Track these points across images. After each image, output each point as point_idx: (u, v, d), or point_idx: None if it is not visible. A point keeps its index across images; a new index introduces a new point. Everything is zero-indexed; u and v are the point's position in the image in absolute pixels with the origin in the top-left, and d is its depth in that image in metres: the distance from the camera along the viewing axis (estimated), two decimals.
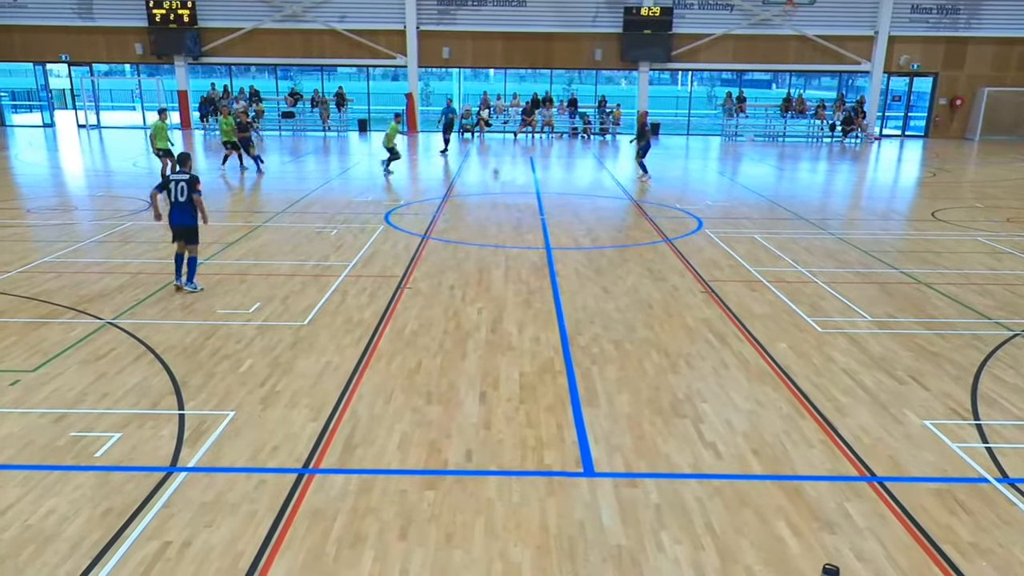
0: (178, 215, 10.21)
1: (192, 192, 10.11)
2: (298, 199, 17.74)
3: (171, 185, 10.17)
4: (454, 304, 10.11)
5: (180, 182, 10.15)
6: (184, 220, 10.20)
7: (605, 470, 6.08)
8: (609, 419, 6.94)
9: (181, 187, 10.13)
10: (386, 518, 5.40)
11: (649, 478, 5.98)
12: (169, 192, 10.17)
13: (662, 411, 7.12)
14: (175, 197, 10.15)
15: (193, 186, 10.13)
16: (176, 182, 10.16)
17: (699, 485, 5.89)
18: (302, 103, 35.11)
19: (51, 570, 4.78)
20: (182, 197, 10.14)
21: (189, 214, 10.20)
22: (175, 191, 10.14)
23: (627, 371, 8.04)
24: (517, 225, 15.20)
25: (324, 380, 7.67)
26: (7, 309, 9.57)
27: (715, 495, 5.75)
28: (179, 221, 10.22)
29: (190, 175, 10.23)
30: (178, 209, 10.19)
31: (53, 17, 33.12)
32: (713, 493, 5.77)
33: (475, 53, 34.12)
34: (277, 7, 32.98)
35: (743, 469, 6.13)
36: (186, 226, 10.22)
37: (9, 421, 6.67)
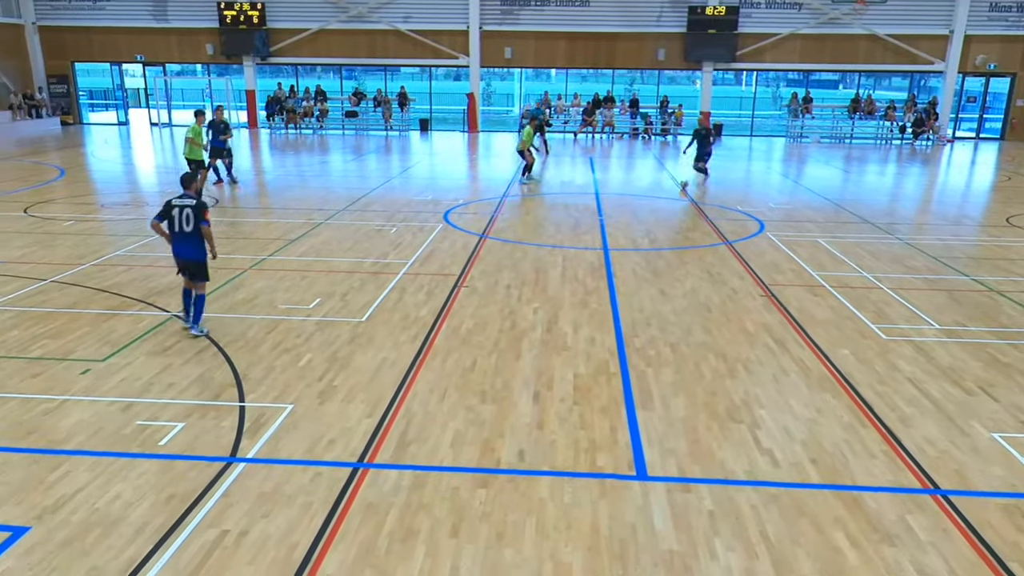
0: (184, 247, 8.52)
1: (199, 221, 8.44)
2: (359, 197, 18.00)
3: (174, 212, 8.45)
4: (510, 303, 10.14)
5: (185, 208, 8.43)
6: (191, 254, 8.54)
7: (658, 474, 6.02)
8: (664, 422, 6.88)
9: (186, 214, 8.41)
10: (438, 515, 5.44)
11: (703, 483, 5.90)
12: (172, 221, 8.46)
13: (718, 416, 7.02)
14: (179, 226, 8.44)
15: (200, 214, 8.44)
16: (180, 208, 8.44)
17: (754, 492, 5.79)
18: (365, 102, 35.61)
19: (116, 553, 4.94)
20: (188, 226, 8.42)
21: (197, 246, 8.54)
22: (179, 219, 8.43)
23: (683, 374, 7.95)
24: (575, 225, 15.17)
25: (380, 376, 7.77)
26: (80, 300, 9.93)
27: (771, 503, 5.64)
28: (186, 255, 8.56)
29: (197, 200, 8.54)
30: (184, 241, 8.49)
31: (130, 19, 34.26)
32: (769, 501, 5.67)
33: (537, 53, 34.14)
34: (343, 8, 33.51)
35: (800, 477, 6.01)
36: (193, 261, 8.58)
37: (80, 408, 6.92)
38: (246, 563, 4.88)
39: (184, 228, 8.45)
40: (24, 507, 5.40)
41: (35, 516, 5.30)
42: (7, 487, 5.64)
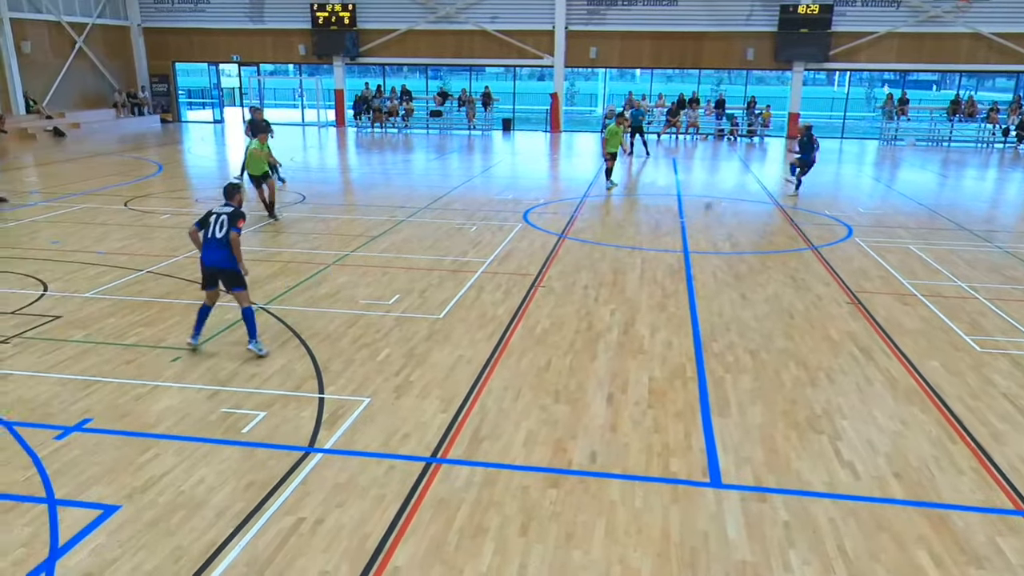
0: (213, 254, 8.07)
1: (231, 227, 8.03)
2: (441, 196, 18.22)
3: (211, 219, 8.13)
4: (587, 304, 10.10)
5: (222, 215, 8.10)
6: (223, 262, 8.06)
7: (733, 482, 5.91)
8: (740, 430, 6.74)
9: (222, 221, 8.08)
10: (508, 512, 5.46)
11: (779, 493, 5.76)
12: (208, 228, 8.11)
13: (797, 425, 6.84)
14: (212, 232, 8.07)
15: (235, 221, 8.08)
16: (218, 215, 8.12)
17: (833, 505, 5.62)
18: (450, 102, 36.01)
19: (198, 535, 5.14)
20: (220, 232, 8.05)
21: (228, 253, 8.06)
22: (214, 225, 8.08)
23: (762, 381, 7.77)
24: (655, 227, 15.00)
25: (456, 373, 7.85)
26: (173, 291, 10.35)
27: (850, 517, 5.47)
28: (213, 261, 8.08)
29: (235, 209, 8.21)
30: (214, 247, 8.06)
31: (227, 21, 35.50)
32: (848, 514, 5.49)
33: (622, 53, 33.88)
34: (431, 9, 33.96)
35: (883, 492, 5.80)
36: (224, 268, 8.10)
37: (169, 394, 7.22)
38: (320, 551, 5.00)
39: (217, 234, 8.04)
40: (115, 487, 5.67)
41: (125, 496, 5.56)
42: (100, 467, 5.93)
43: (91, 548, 4.97)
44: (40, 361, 7.93)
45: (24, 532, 5.12)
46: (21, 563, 4.81)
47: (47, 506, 5.42)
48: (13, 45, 29.93)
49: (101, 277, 10.94)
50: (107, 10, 34.67)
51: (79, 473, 5.84)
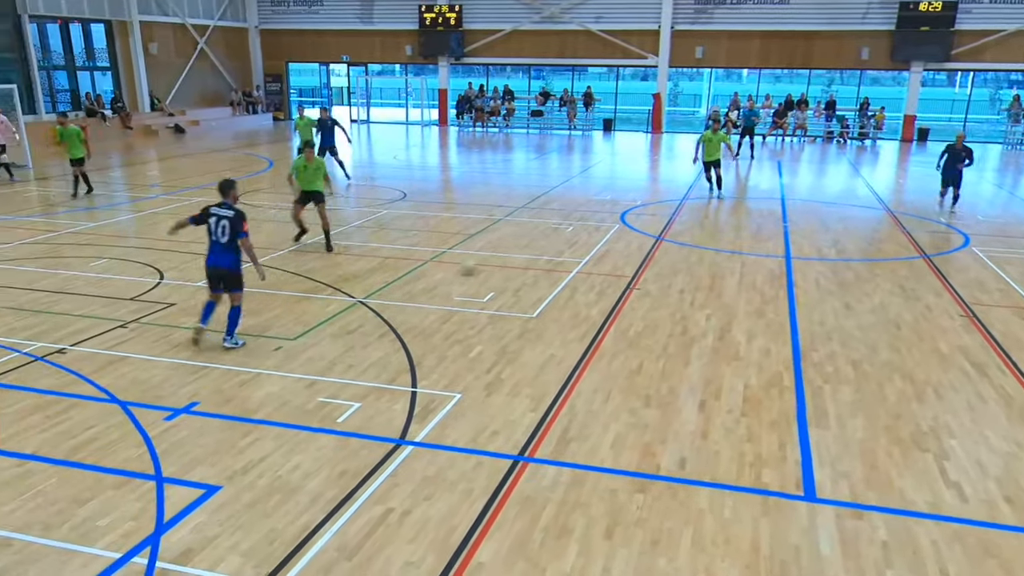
0: (218, 257, 8.14)
1: (237, 233, 8.04)
2: (538, 195, 18.27)
3: (210, 220, 8.11)
4: (682, 308, 9.94)
5: (222, 219, 8.03)
6: (225, 263, 8.14)
7: (828, 496, 5.70)
8: (839, 443, 6.50)
9: (223, 226, 8.02)
10: (594, 515, 5.44)
11: (878, 511, 5.52)
12: (209, 229, 8.12)
13: (900, 441, 6.54)
14: (215, 235, 8.08)
15: (238, 226, 8.03)
16: (218, 218, 8.05)
17: (936, 527, 5.35)
18: (551, 102, 36.06)
19: (292, 518, 5.32)
20: (223, 237, 8.04)
21: (232, 256, 8.14)
22: (215, 229, 8.06)
23: (864, 394, 7.47)
24: (756, 231, 14.62)
25: (547, 372, 7.86)
26: (278, 283, 10.74)
27: (955, 540, 5.19)
28: (217, 263, 8.16)
29: (236, 212, 8.09)
30: (219, 250, 8.12)
31: (339, 22, 36.59)
32: (952, 538, 5.22)
33: (729, 52, 33.16)
34: (537, 9, 34.08)
35: (992, 516, 5.49)
36: (226, 269, 8.17)
37: (270, 382, 7.51)
38: (407, 541, 5.10)
39: (220, 239, 8.05)
40: (217, 468, 5.93)
41: (226, 477, 5.81)
42: (204, 449, 6.22)
43: (193, 525, 5.22)
44: (154, 345, 8.38)
45: (134, 507, 5.42)
46: (130, 535, 5.09)
47: (155, 483, 5.72)
48: (142, 46, 31.70)
49: None
50: (228, 12, 36.28)
51: (185, 454, 6.14)
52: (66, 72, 30.38)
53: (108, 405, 6.96)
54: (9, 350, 8.18)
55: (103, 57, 31.55)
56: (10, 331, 8.74)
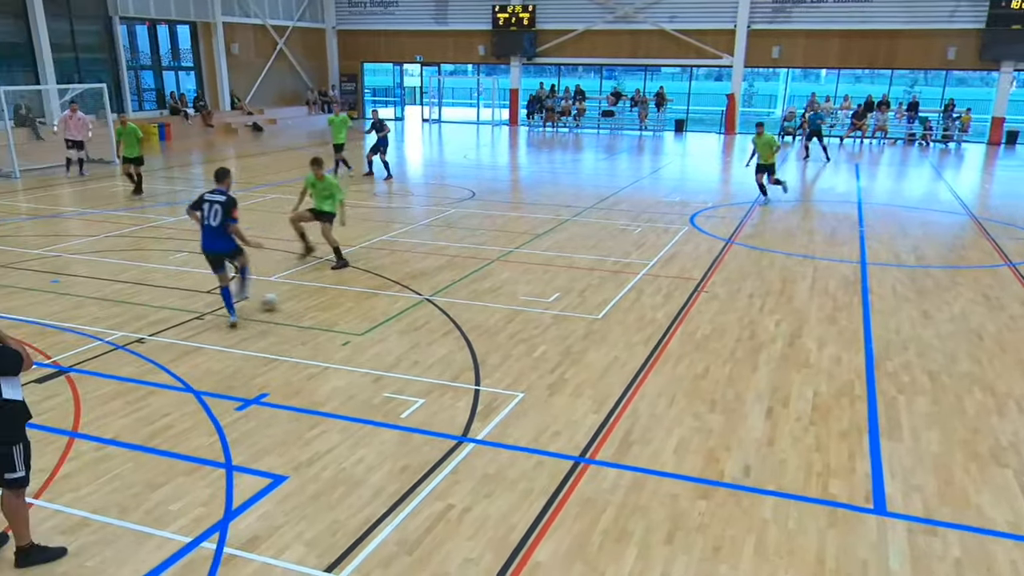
0: (211, 240, 8.74)
1: (227, 218, 8.59)
2: (607, 196, 18.17)
3: (204, 206, 8.68)
4: (751, 313, 9.75)
5: (215, 204, 8.61)
6: (219, 246, 8.77)
7: (899, 510, 5.52)
8: (912, 456, 6.29)
9: (215, 210, 8.59)
10: (654, 519, 5.38)
11: (952, 528, 5.32)
12: (203, 213, 8.69)
13: (978, 456, 6.29)
14: (208, 220, 8.65)
15: (229, 211, 8.58)
16: (211, 203, 8.63)
17: (1016, 547, 5.13)
18: (623, 102, 35.81)
19: (355, 511, 5.42)
20: (215, 221, 8.61)
21: (224, 239, 8.73)
22: (208, 213, 8.63)
23: (941, 406, 7.21)
24: (831, 235, 14.25)
25: (610, 374, 7.81)
26: (348, 279, 10.94)
27: None
28: (212, 247, 8.79)
29: (227, 196, 8.66)
30: (211, 234, 8.69)
31: (413, 22, 37.07)
32: None
33: (807, 52, 32.39)
34: (610, 8, 33.89)
35: None
36: (222, 252, 8.85)
37: (338, 376, 7.65)
38: (466, 538, 5.14)
39: (212, 222, 8.62)
40: (284, 459, 6.08)
41: (292, 468, 5.95)
42: (272, 439, 6.38)
43: (259, 513, 5.36)
44: (227, 337, 8.64)
45: (205, 492, 5.60)
46: (200, 520, 5.26)
47: (225, 471, 5.89)
48: (224, 47, 32.69)
49: (284, 263, 11.74)
50: (307, 14, 37.12)
51: (254, 443, 6.31)
52: (152, 72, 31.54)
53: (183, 394, 7.21)
54: (93, 338, 8.54)
55: (187, 57, 32.65)
56: (95, 320, 9.12)
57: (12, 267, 11.33)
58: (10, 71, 25.19)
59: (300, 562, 4.86)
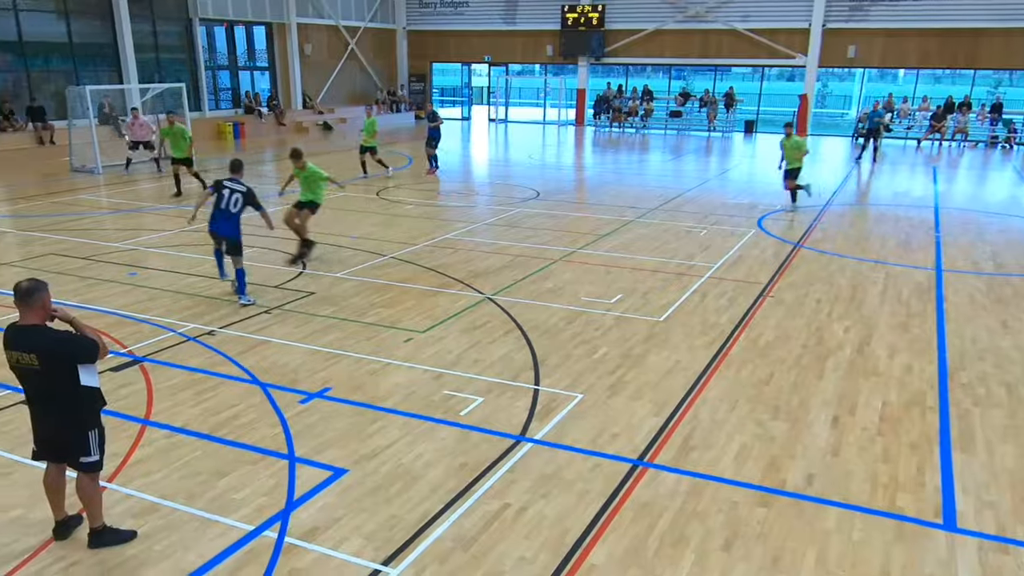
0: (223, 226, 9.52)
1: (255, 207, 9.53)
2: (673, 197, 17.97)
3: (224, 192, 9.41)
4: (818, 319, 9.53)
5: (235, 192, 9.40)
6: (227, 230, 9.51)
7: (970, 527, 5.33)
8: (986, 471, 6.06)
9: (236, 198, 9.37)
10: (712, 525, 5.31)
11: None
12: (221, 199, 9.38)
13: None
14: (226, 206, 9.39)
15: (253, 200, 9.49)
16: (231, 191, 9.38)
17: None
18: (691, 102, 35.37)
19: (412, 506, 5.48)
20: (234, 208, 9.40)
21: (236, 225, 9.49)
22: (227, 200, 9.38)
23: (1018, 419, 6.93)
24: (905, 240, 13.81)
25: (671, 378, 7.73)
26: (411, 277, 11.07)
27: None
28: (224, 232, 9.56)
29: (247, 188, 9.53)
30: (226, 220, 9.48)
31: (482, 23, 37.27)
32: None
33: (884, 52, 31.43)
34: (681, 8, 33.49)
35: None
36: (229, 236, 9.55)
37: (399, 373, 7.75)
38: (522, 537, 5.15)
39: (231, 209, 9.40)
40: (346, 452, 6.18)
41: (353, 461, 6.05)
42: (335, 433, 6.49)
43: (320, 505, 5.46)
44: (294, 331, 8.83)
45: (268, 482, 5.73)
46: (263, 509, 5.39)
47: (288, 462, 6.03)
48: (298, 47, 33.41)
49: (351, 259, 11.94)
50: (378, 14, 37.67)
51: (317, 436, 6.43)
52: (229, 72, 32.43)
53: (250, 386, 7.39)
54: (166, 330, 8.83)
55: (263, 58, 33.47)
56: (168, 312, 9.42)
57: (93, 259, 11.80)
58: (96, 70, 26.22)
59: (357, 554, 4.94)
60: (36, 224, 14.31)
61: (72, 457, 4.82)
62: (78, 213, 15.46)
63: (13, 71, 24.11)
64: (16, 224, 14.54)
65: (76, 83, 23.77)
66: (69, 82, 24.23)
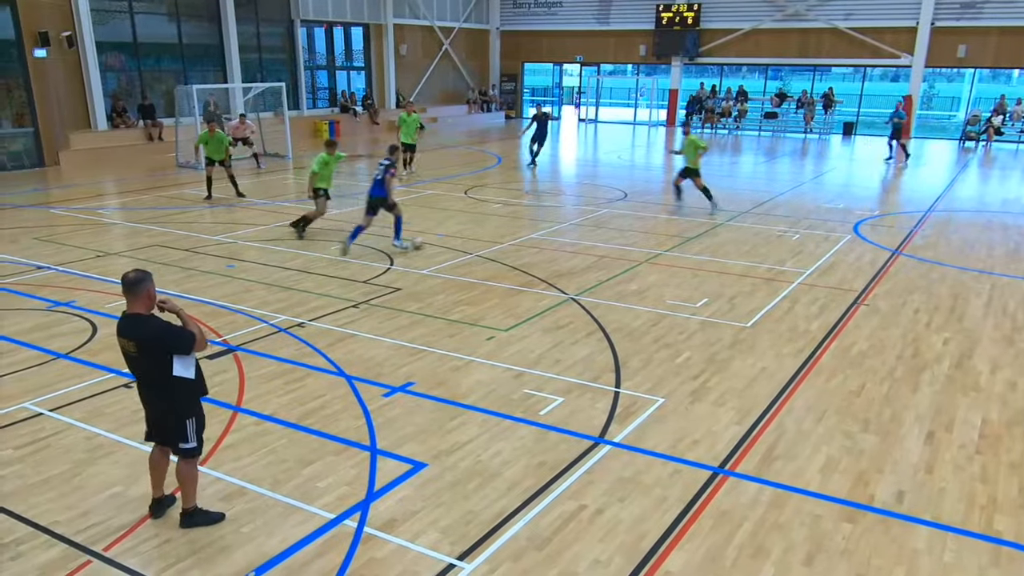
0: (373, 188, 12.33)
1: (386, 172, 12.24)
2: (764, 200, 17.54)
3: (379, 166, 12.40)
4: (915, 329, 9.14)
5: (382, 164, 12.36)
6: (377, 192, 12.26)
7: None
8: None
9: (380, 168, 12.34)
10: (794, 538, 5.17)
11: None
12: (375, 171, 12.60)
13: None
14: (375, 176, 12.42)
15: (389, 169, 12.27)
16: (383, 165, 12.33)
17: None
18: (787, 103, 34.43)
19: (489, 503, 5.52)
20: (378, 176, 12.27)
21: (382, 189, 12.19)
22: (377, 171, 12.39)
23: None
24: (1014, 250, 13.10)
25: (756, 385, 7.55)
26: (496, 275, 11.15)
27: None
28: (374, 192, 12.32)
29: (391, 161, 12.39)
30: (374, 185, 12.33)
31: (575, 23, 37.21)
32: None
33: (998, 51, 29.85)
34: (780, 7, 32.64)
35: None
36: (379, 198, 12.27)
37: (481, 370, 7.82)
38: (597, 540, 5.13)
39: (376, 177, 12.30)
40: (426, 447, 6.28)
41: (432, 456, 6.14)
42: (415, 427, 6.60)
43: (399, 497, 5.57)
44: (379, 326, 9.02)
45: (350, 473, 5.88)
46: (344, 499, 5.53)
47: (370, 454, 6.16)
48: (393, 48, 34.08)
49: (437, 257, 12.12)
50: (472, 15, 38.07)
51: (398, 429, 6.56)
52: (327, 71, 33.34)
53: (336, 377, 7.59)
54: (259, 320, 9.15)
55: (359, 58, 34.26)
56: (262, 303, 9.77)
57: (194, 251, 12.33)
58: (203, 70, 27.35)
59: (434, 547, 5.01)
60: (143, 216, 15.05)
61: (173, 442, 5.07)
62: (181, 207, 16.18)
63: (127, 71, 25.36)
64: (125, 216, 15.33)
65: (184, 82, 24.86)
66: (178, 81, 25.36)
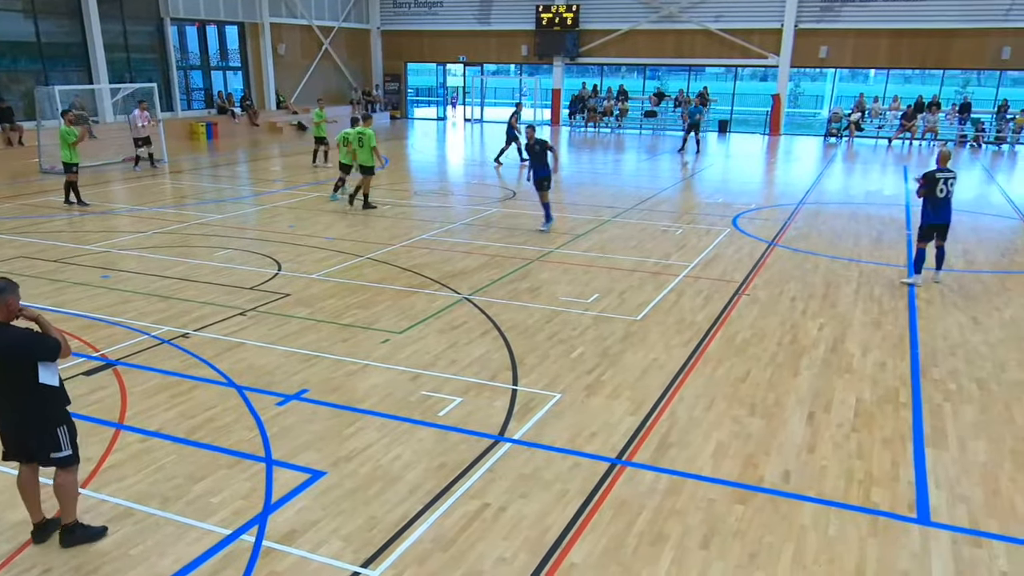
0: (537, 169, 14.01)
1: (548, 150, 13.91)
2: (648, 197, 18.06)
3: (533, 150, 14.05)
4: (793, 316, 9.62)
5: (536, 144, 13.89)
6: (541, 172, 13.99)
7: (944, 521, 5.40)
8: (957, 465, 6.15)
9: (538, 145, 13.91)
10: (690, 523, 5.34)
11: (999, 540, 5.19)
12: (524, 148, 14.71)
13: None
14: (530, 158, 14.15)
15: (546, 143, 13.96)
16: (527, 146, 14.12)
17: None
18: (666, 102, 35.55)
19: (391, 507, 5.46)
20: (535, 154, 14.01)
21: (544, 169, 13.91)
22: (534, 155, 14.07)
23: (989, 415, 7.04)
24: (877, 239, 13.99)
25: (648, 376, 7.76)
26: (387, 277, 11.03)
27: None
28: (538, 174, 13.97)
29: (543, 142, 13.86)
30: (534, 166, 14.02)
31: (457, 23, 37.22)
32: None
33: (855, 52, 31.79)
34: (655, 8, 33.66)
35: None
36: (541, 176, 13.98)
37: (376, 374, 7.72)
38: (501, 537, 5.15)
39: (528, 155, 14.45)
40: (323, 454, 6.15)
41: (331, 463, 6.02)
42: (312, 435, 6.45)
43: (298, 508, 5.43)
44: (269, 333, 8.76)
45: (245, 486, 5.69)
46: (240, 513, 5.34)
47: (265, 465, 5.98)
48: (271, 47, 33.16)
49: (326, 260, 11.88)
50: (352, 15, 37.49)
51: (294, 438, 6.39)
52: (201, 72, 32.12)
53: (226, 388, 7.33)
54: (140, 333, 8.72)
55: (235, 58, 33.18)
56: (142, 314, 9.32)
57: (65, 262, 11.63)
58: (64, 70, 25.84)
59: (337, 556, 4.91)
60: (6, 227, 14.08)
61: (42, 455, 4.77)
62: (47, 215, 15.24)
63: None
64: None
65: (45, 83, 23.44)
66: (38, 82, 23.89)
